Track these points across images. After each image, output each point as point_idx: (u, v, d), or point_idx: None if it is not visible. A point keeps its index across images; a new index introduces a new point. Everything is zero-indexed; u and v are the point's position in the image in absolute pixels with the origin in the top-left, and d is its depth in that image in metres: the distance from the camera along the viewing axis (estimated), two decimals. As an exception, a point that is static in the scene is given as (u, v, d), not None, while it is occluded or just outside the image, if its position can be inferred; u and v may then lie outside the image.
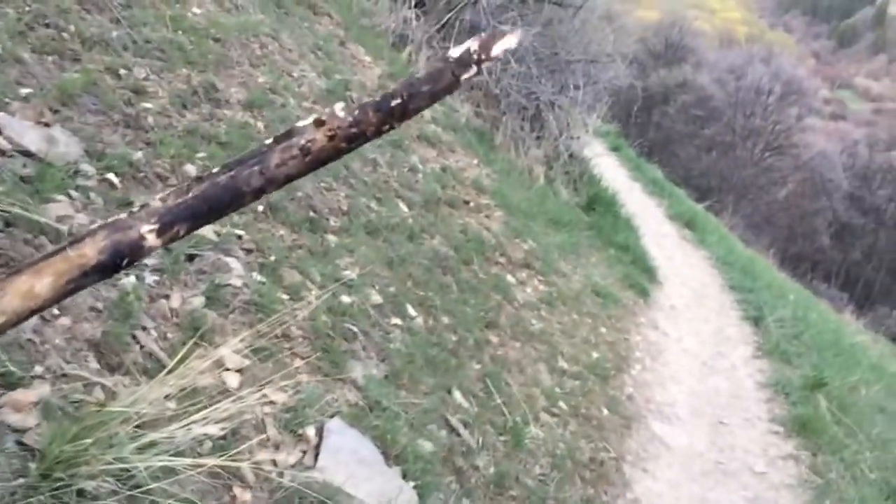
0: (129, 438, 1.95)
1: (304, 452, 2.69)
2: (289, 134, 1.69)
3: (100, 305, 2.54)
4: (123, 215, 1.61)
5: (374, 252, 4.38)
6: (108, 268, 1.59)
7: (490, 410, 4.02)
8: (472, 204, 6.34)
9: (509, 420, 4.05)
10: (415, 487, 3.00)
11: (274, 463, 2.57)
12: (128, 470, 1.90)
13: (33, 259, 1.57)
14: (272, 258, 3.46)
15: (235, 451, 2.24)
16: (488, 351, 4.59)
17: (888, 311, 27.54)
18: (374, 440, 3.07)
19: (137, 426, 2.00)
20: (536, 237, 6.70)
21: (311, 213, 4.16)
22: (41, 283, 1.50)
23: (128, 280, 2.69)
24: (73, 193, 2.85)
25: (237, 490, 2.33)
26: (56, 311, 2.36)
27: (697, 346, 6.76)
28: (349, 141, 1.69)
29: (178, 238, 1.64)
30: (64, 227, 2.63)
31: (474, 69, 1.76)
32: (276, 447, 2.65)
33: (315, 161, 1.69)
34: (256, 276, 3.28)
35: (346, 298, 3.70)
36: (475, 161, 7.22)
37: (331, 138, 1.67)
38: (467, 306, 4.83)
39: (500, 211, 6.61)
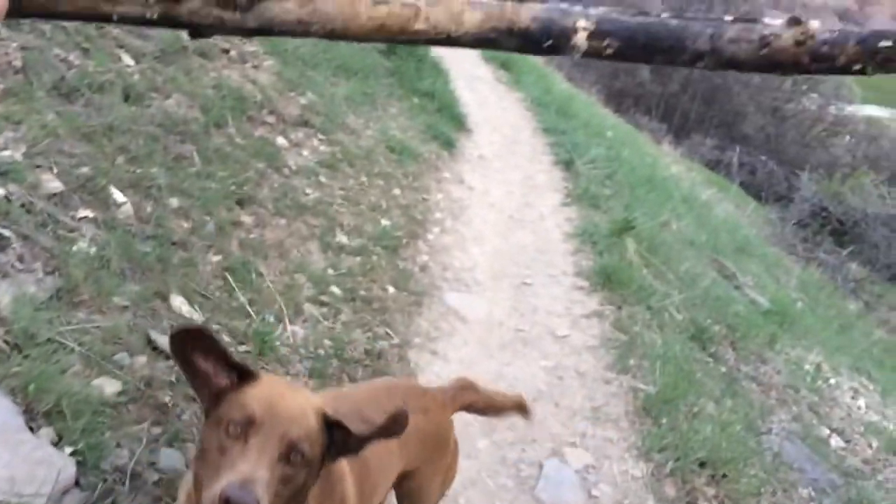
0: None
1: None
2: (754, 18, 1.60)
3: None
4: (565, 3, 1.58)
5: (60, 121, 3.25)
6: (530, 39, 1.54)
7: (227, 314, 3.15)
8: (232, 53, 5.17)
9: (255, 322, 3.20)
10: (73, 454, 2.12)
11: None
12: None
13: None
14: None
15: None
16: (237, 236, 3.67)
17: (701, 138, 28.64)
18: (13, 394, 2.14)
19: None
20: (318, 89, 5.66)
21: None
22: (472, 14, 1.45)
23: None
24: None
25: None
26: None
27: (504, 198, 6.11)
28: (813, 58, 1.55)
29: (600, 53, 1.57)
30: None
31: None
32: None
33: (766, 58, 1.56)
34: None
35: (-4, 191, 2.63)
36: (243, 1, 5.94)
37: (797, 43, 1.54)
38: (212, 181, 3.83)
39: (270, 59, 5.48)
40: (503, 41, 1.63)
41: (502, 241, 5.36)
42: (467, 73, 9.52)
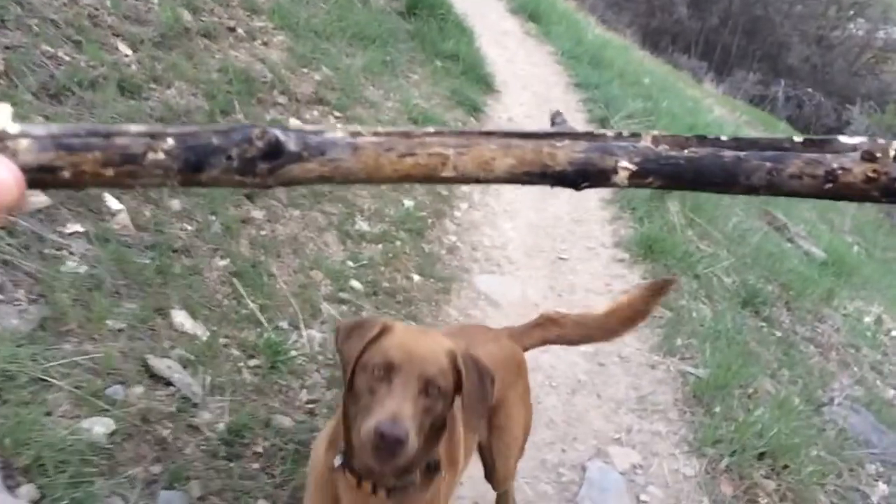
0: None
1: None
2: (823, 146, 1.22)
3: None
4: (612, 138, 1.19)
5: (49, 121, 2.99)
6: (565, 180, 1.20)
7: (235, 324, 2.91)
8: (239, 31, 4.86)
9: (267, 331, 2.96)
10: (56, 514, 1.90)
11: None
12: None
13: (514, 132, 1.13)
14: None
15: None
16: (246, 234, 3.41)
17: (745, 74, 27.50)
18: (-12, 451, 1.93)
19: None
20: (333, 62, 5.32)
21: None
22: (503, 161, 1.15)
23: None
24: None
25: None
26: None
27: (536, 164, 5.74)
28: (884, 193, 1.21)
29: (642, 186, 1.19)
30: None
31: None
32: None
33: (833, 191, 1.21)
34: None
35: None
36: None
37: (868, 180, 1.20)
38: (219, 176, 3.56)
39: (281, 35, 5.15)
40: (536, 181, 1.35)
41: (535, 213, 5.01)
42: (494, 27, 9.05)
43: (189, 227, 3.18)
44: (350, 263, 3.69)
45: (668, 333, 3.91)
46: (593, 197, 5.33)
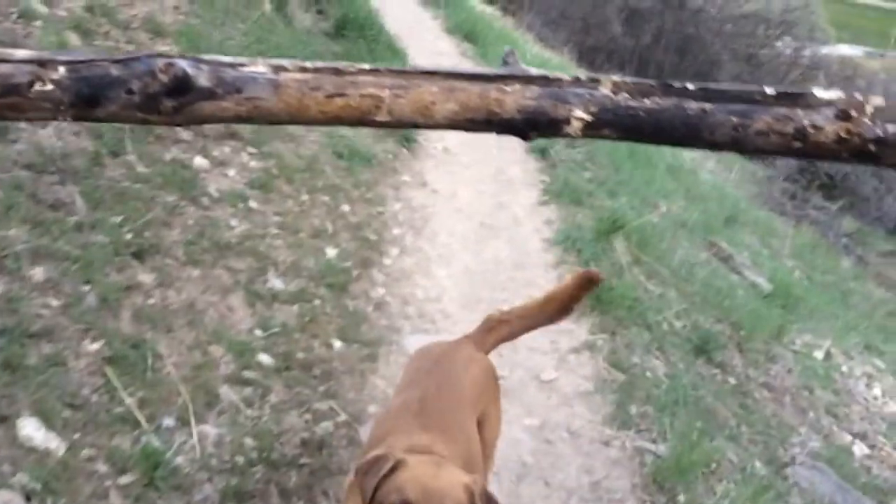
0: None
1: None
2: (796, 101, 1.34)
3: None
4: (568, 83, 1.36)
5: None
6: (513, 129, 1.39)
7: (106, 429, 2.34)
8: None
9: (147, 433, 2.40)
10: None
11: None
12: None
13: (458, 72, 1.30)
14: None
15: None
16: (129, 305, 2.84)
17: (679, 91, 27.85)
18: None
19: None
20: (249, 90, 4.77)
21: None
22: (444, 105, 1.29)
23: None
24: None
25: None
26: None
27: (474, 200, 5.28)
28: (856, 154, 1.36)
29: (597, 137, 1.43)
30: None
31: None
32: None
33: (800, 151, 1.38)
34: None
35: None
36: (156, -9, 5.01)
37: (840, 140, 1.34)
38: (100, 232, 3.01)
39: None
40: (480, 128, 1.42)
41: (473, 257, 4.55)
42: (429, 48, 8.61)
43: (54, 303, 2.60)
44: (258, 332, 3.15)
45: (622, 400, 3.47)
46: (534, 237, 4.89)
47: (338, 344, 3.35)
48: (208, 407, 2.67)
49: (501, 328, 2.44)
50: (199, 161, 3.92)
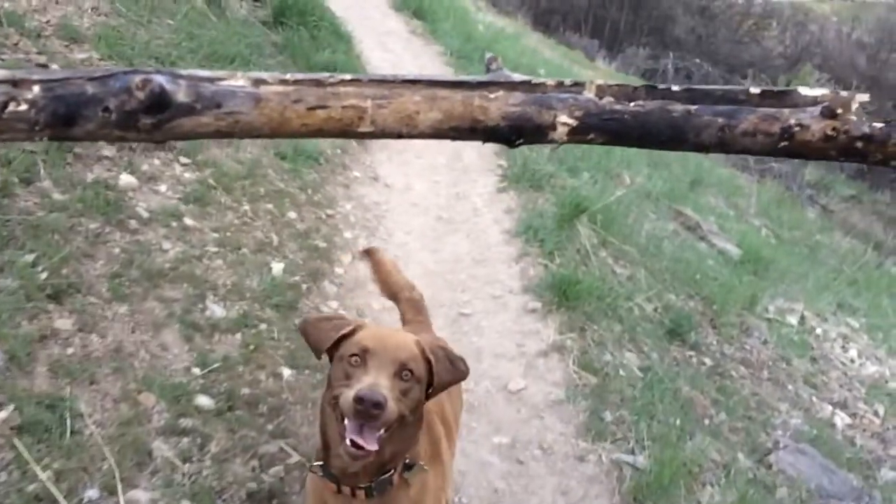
0: None
1: None
2: (781, 99, 1.36)
3: None
4: (552, 88, 1.35)
5: None
6: (498, 136, 1.38)
7: (13, 517, 2.05)
8: (54, 67, 3.88)
9: (65, 512, 2.11)
10: None
11: None
12: None
13: (441, 80, 1.30)
14: None
15: None
16: (44, 359, 2.52)
17: (635, 49, 27.58)
18: None
19: None
20: (178, 94, 4.40)
21: None
22: (427, 115, 1.29)
23: None
24: None
25: None
26: None
27: (430, 192, 4.99)
28: (844, 152, 1.37)
29: (582, 143, 1.43)
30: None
31: None
32: None
33: (786, 150, 1.38)
34: None
35: None
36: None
37: (826, 138, 1.35)
38: (8, 275, 2.68)
39: (108, 62, 4.19)
40: (465, 137, 1.40)
41: (431, 255, 4.27)
42: (376, 28, 8.22)
43: (-50, 368, 2.29)
44: (196, 371, 2.85)
45: (595, 407, 3.24)
46: (494, 228, 4.62)
47: (287, 372, 3.07)
48: (139, 468, 2.38)
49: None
50: (126, 179, 3.57)
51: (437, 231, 4.51)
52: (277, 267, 3.64)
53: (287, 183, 4.34)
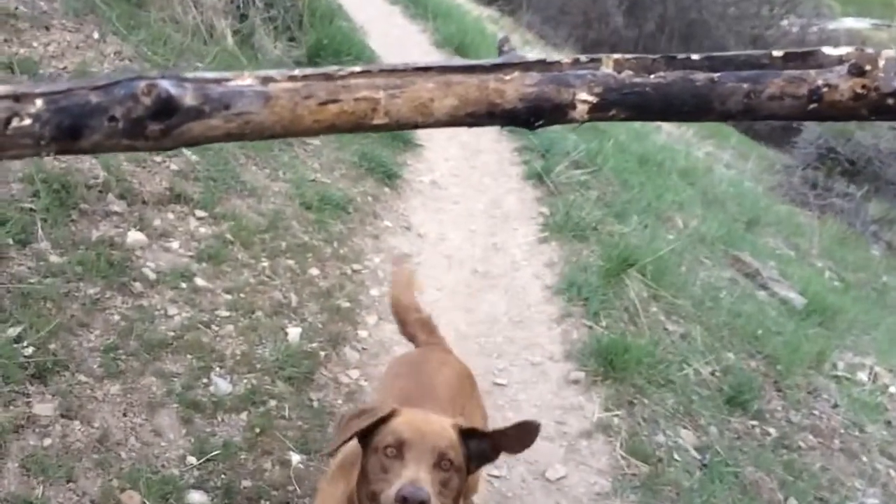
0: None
1: None
2: (807, 59, 1.33)
3: None
4: (568, 65, 1.32)
5: None
6: (516, 119, 1.35)
7: None
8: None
9: None
10: None
11: None
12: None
13: (454, 65, 1.28)
14: None
15: None
16: (16, 454, 2.22)
17: (686, 79, 27.09)
18: None
19: None
20: (200, 142, 4.15)
21: None
22: (442, 102, 1.26)
23: None
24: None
25: None
26: None
27: (465, 243, 4.62)
28: (875, 110, 1.32)
29: (604, 120, 1.40)
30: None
31: None
32: None
33: (816, 112, 1.33)
34: None
35: None
36: (93, 34, 4.41)
37: (856, 97, 1.30)
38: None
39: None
40: (482, 122, 1.38)
41: (465, 315, 3.90)
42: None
43: None
44: (192, 460, 2.52)
45: (646, 502, 2.80)
46: (534, 285, 4.22)
47: (296, 458, 2.72)
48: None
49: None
50: (134, 236, 3.31)
51: (471, 287, 4.14)
52: (294, 332, 3.31)
53: (311, 235, 4.03)
